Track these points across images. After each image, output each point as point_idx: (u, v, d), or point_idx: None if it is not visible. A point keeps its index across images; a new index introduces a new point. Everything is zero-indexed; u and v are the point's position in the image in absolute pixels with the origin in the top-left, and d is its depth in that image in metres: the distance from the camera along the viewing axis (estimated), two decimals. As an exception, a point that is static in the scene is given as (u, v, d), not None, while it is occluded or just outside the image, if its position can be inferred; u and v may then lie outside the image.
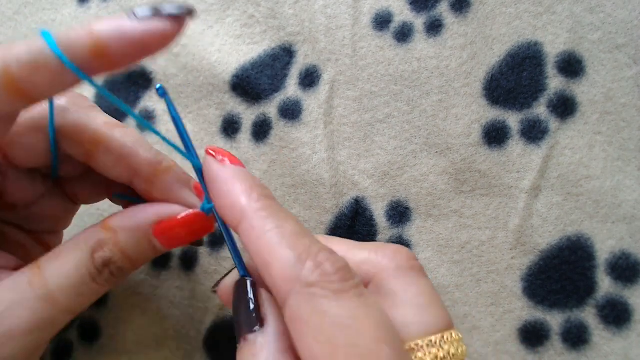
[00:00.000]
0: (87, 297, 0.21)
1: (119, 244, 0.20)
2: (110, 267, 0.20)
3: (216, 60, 0.30)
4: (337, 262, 0.16)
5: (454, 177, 0.27)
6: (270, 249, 0.17)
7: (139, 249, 0.21)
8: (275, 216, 0.17)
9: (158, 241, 0.21)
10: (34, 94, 0.17)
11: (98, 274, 0.20)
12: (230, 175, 0.19)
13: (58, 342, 0.29)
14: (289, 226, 0.17)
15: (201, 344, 0.27)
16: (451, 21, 0.28)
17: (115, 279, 0.21)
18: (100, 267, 0.20)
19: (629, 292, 0.25)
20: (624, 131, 0.26)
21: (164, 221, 0.21)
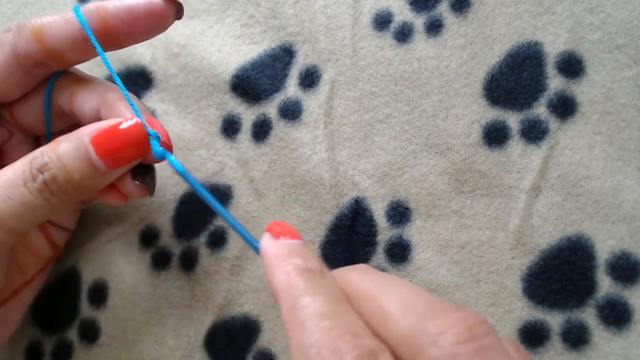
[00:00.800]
0: (22, 208, 0.21)
1: (57, 151, 0.21)
2: (44, 174, 0.20)
3: (216, 60, 0.30)
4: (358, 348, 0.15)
5: (454, 177, 0.27)
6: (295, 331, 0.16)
7: (75, 159, 0.21)
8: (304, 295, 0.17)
9: (94, 152, 0.21)
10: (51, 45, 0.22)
11: (31, 179, 0.20)
12: (277, 253, 0.18)
13: (58, 342, 0.29)
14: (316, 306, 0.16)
15: (201, 344, 0.27)
16: (451, 21, 0.28)
17: (49, 191, 0.21)
18: (34, 173, 0.20)
19: (629, 292, 0.25)
20: (624, 131, 0.26)
21: (102, 130, 0.21)
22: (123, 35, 0.23)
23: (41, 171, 0.20)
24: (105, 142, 0.21)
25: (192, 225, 0.29)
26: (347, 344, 0.15)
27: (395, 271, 0.27)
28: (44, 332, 0.29)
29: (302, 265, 0.18)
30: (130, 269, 0.29)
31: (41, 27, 0.22)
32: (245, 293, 0.28)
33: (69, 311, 0.29)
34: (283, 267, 0.18)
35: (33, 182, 0.20)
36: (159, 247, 0.29)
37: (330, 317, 0.16)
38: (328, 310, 0.16)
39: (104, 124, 0.21)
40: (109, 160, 0.21)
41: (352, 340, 0.15)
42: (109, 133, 0.21)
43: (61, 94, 0.24)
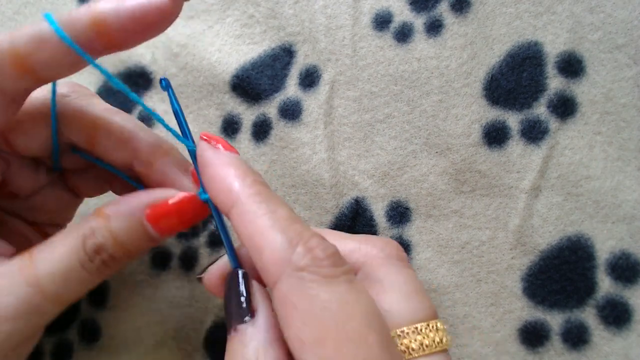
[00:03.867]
0: (77, 285, 0.20)
1: (111, 230, 0.20)
2: (102, 254, 0.20)
3: (216, 60, 0.30)
4: (328, 248, 0.17)
5: (454, 177, 0.27)
6: (262, 233, 0.17)
7: (132, 236, 0.20)
8: (268, 201, 0.17)
9: (151, 227, 0.20)
10: (40, 73, 0.18)
11: (89, 261, 0.20)
12: (223, 161, 0.19)
13: (58, 342, 0.29)
14: (282, 211, 0.17)
15: (201, 344, 0.27)
16: (451, 21, 0.28)
17: (107, 268, 0.20)
18: (91, 254, 0.20)
19: (629, 292, 0.25)
20: (624, 131, 0.26)
21: (157, 205, 0.20)
22: (120, 36, 0.19)
23: (98, 252, 0.20)
24: (162, 218, 0.20)
25: (192, 225, 0.29)
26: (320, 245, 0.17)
27: (395, 271, 0.27)
28: (44, 332, 0.29)
29: (258, 178, 0.19)
30: (130, 269, 0.29)
31: (24, 57, 0.18)
32: (245, 293, 0.28)
33: (69, 311, 0.29)
34: (239, 177, 0.18)
35: (91, 263, 0.20)
36: (159, 247, 0.29)
37: (299, 221, 0.17)
38: (293, 216, 0.18)
39: (157, 198, 0.20)
40: (165, 232, 0.20)
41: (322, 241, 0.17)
42: (165, 208, 0.20)
43: (74, 133, 0.22)
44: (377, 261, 0.20)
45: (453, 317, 0.26)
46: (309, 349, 0.15)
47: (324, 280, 0.16)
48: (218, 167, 0.19)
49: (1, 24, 0.33)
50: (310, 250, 0.16)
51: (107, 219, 0.20)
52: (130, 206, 0.20)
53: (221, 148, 0.20)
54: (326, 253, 0.16)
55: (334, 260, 0.17)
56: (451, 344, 0.21)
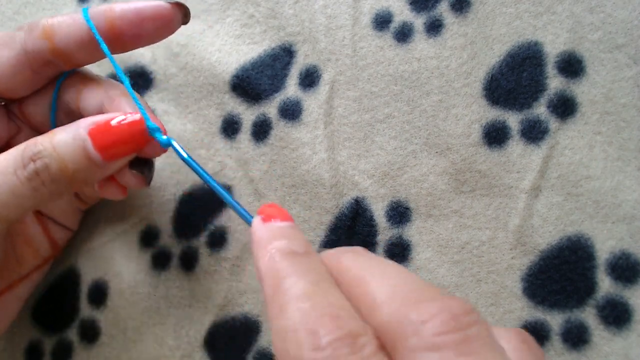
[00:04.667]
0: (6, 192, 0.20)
1: (52, 141, 0.20)
2: (37, 162, 0.20)
3: (216, 60, 0.30)
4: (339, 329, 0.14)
5: (454, 177, 0.27)
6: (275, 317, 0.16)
7: (71, 150, 0.21)
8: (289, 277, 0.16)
9: (91, 143, 0.21)
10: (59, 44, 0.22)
11: (22, 167, 0.20)
12: (265, 236, 0.18)
13: (58, 342, 0.29)
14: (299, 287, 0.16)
15: (201, 343, 0.27)
16: (451, 21, 0.28)
17: (39, 179, 0.20)
18: (26, 160, 0.20)
19: (629, 292, 0.25)
20: (624, 131, 0.26)
21: (101, 123, 0.21)
22: (129, 38, 0.23)
23: (33, 159, 0.20)
24: (103, 135, 0.21)
25: (192, 225, 0.29)
26: (325, 326, 0.14)
27: (395, 271, 0.27)
28: (44, 332, 0.29)
29: (286, 248, 0.17)
30: (130, 269, 0.29)
31: (51, 26, 0.22)
32: (245, 293, 0.28)
33: (69, 311, 0.29)
34: (268, 249, 0.17)
35: (23, 169, 0.20)
36: (159, 247, 0.29)
37: (311, 299, 0.15)
38: (310, 291, 0.16)
39: (102, 117, 0.21)
40: (106, 153, 0.21)
41: (331, 322, 0.14)
42: (107, 126, 0.21)
43: (68, 92, 0.24)
44: None
45: (453, 317, 0.26)
46: None
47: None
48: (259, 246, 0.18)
49: (1, 24, 0.33)
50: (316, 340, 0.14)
51: (54, 133, 0.21)
52: (77, 123, 0.21)
53: (273, 221, 0.19)
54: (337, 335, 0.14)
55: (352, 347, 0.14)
56: None
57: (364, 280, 0.16)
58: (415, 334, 0.14)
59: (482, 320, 0.15)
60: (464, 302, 0.15)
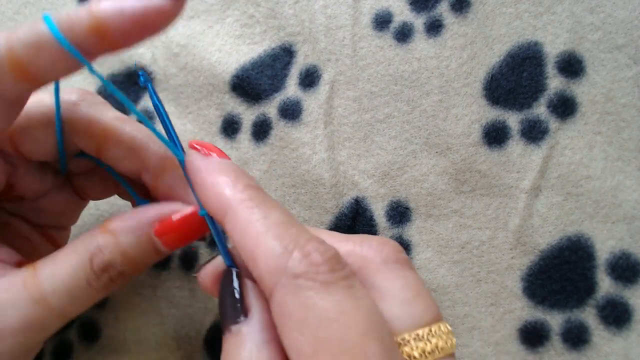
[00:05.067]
0: (82, 301, 0.20)
1: (119, 246, 0.20)
2: (110, 271, 0.20)
3: (216, 60, 0.30)
4: (326, 252, 0.16)
5: (454, 177, 0.27)
6: (256, 239, 0.16)
7: (140, 251, 0.20)
8: (260, 206, 0.17)
9: (160, 241, 0.20)
10: (39, 76, 0.18)
11: (96, 278, 0.20)
12: (214, 167, 0.18)
13: (58, 342, 0.29)
14: (276, 215, 0.17)
15: (201, 343, 0.27)
16: (451, 21, 0.28)
17: (114, 283, 0.20)
18: (99, 272, 0.20)
19: (629, 292, 0.25)
20: (624, 131, 0.26)
21: (166, 220, 0.20)
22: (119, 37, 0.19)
23: (105, 270, 0.20)
24: (170, 232, 0.20)
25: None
26: (318, 249, 0.16)
27: (395, 271, 0.27)
28: (44, 332, 0.29)
29: (250, 182, 0.18)
30: (130, 269, 0.29)
31: (23, 62, 0.17)
32: (245, 293, 0.28)
33: (69, 311, 0.29)
34: (230, 183, 0.18)
35: (98, 280, 0.20)
36: (159, 247, 0.29)
37: (295, 225, 0.17)
38: (288, 219, 0.17)
39: (165, 211, 0.20)
40: (173, 246, 0.20)
41: (320, 244, 0.16)
42: (172, 224, 0.20)
43: (83, 140, 0.22)
44: (373, 266, 0.19)
45: (453, 317, 0.26)
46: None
47: (322, 287, 0.15)
48: (208, 174, 0.18)
49: (1, 23, 0.33)
50: (306, 256, 0.16)
51: (115, 235, 0.20)
52: (138, 221, 0.20)
53: (213, 155, 0.19)
54: (324, 257, 0.16)
55: (332, 265, 0.16)
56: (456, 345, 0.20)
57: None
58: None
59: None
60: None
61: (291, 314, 0.15)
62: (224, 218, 0.17)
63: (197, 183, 0.19)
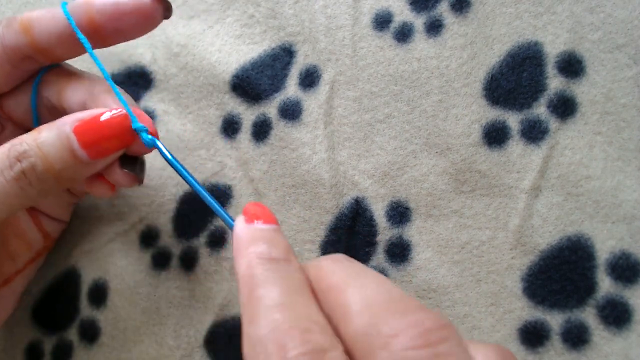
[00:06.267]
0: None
1: (37, 139, 0.20)
2: (22, 162, 0.20)
3: (216, 60, 0.30)
4: None
5: (454, 177, 0.27)
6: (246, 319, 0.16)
7: (57, 147, 0.20)
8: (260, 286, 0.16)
9: (76, 140, 0.20)
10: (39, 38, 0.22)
11: (8, 167, 0.20)
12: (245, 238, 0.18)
13: (58, 342, 0.29)
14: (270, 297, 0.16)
15: (201, 344, 0.27)
16: (451, 21, 0.28)
17: (27, 182, 0.20)
18: (12, 160, 0.20)
19: (629, 292, 0.25)
20: (624, 131, 0.26)
21: (85, 120, 0.21)
22: (110, 32, 0.22)
23: (19, 159, 0.20)
24: (88, 132, 0.21)
25: (192, 225, 0.29)
26: (293, 340, 0.14)
27: (395, 271, 0.27)
28: (44, 332, 0.29)
29: (266, 253, 0.17)
30: (130, 269, 0.29)
31: (29, 21, 0.22)
32: (245, 293, 0.28)
33: (69, 311, 0.29)
34: (246, 253, 0.17)
35: (10, 170, 0.20)
36: (159, 247, 0.29)
37: (284, 310, 0.15)
38: (283, 302, 0.16)
39: (86, 114, 0.21)
40: (92, 151, 0.21)
41: (300, 335, 0.14)
42: (92, 123, 0.21)
43: (50, 89, 0.24)
44: None
45: (453, 317, 0.26)
46: None
47: None
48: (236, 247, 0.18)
49: (1, 24, 0.33)
50: None
51: (39, 131, 0.21)
52: (62, 120, 0.21)
53: (256, 223, 0.19)
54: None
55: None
56: None
57: (341, 289, 0.16)
58: (385, 348, 0.14)
59: (456, 336, 0.15)
60: (439, 317, 0.15)
61: None
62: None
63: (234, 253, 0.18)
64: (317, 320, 0.15)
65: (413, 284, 0.27)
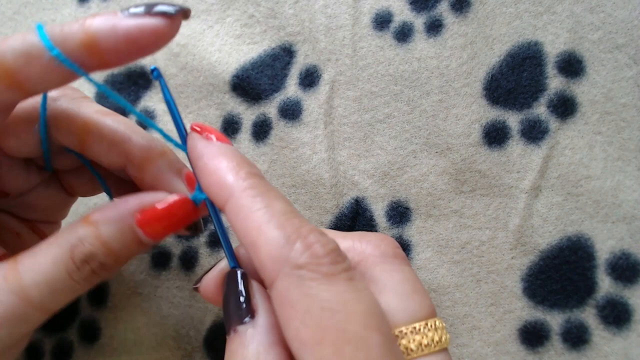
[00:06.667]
0: (64, 294, 0.19)
1: (100, 238, 0.19)
2: (91, 263, 0.19)
3: (216, 60, 0.30)
4: (327, 244, 0.16)
5: (454, 177, 0.27)
6: (258, 228, 0.16)
7: (122, 242, 0.19)
8: (263, 195, 0.17)
9: (142, 232, 0.19)
10: (29, 86, 0.18)
11: (77, 270, 0.19)
12: (216, 152, 0.18)
13: (58, 342, 0.29)
14: (278, 205, 0.17)
15: (201, 344, 0.27)
16: (451, 21, 0.28)
17: (96, 276, 0.20)
18: (79, 264, 0.19)
19: (629, 292, 0.25)
20: (624, 131, 0.26)
21: (148, 210, 0.19)
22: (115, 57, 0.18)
23: (87, 262, 0.19)
24: (153, 222, 0.19)
25: (191, 225, 0.29)
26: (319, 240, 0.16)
27: (395, 271, 0.27)
28: (44, 332, 0.29)
29: (253, 170, 0.18)
30: (130, 269, 0.29)
31: (13, 72, 0.17)
32: (245, 293, 0.28)
33: (69, 311, 0.29)
34: (232, 169, 0.17)
35: (78, 272, 0.19)
36: (159, 247, 0.29)
37: (297, 216, 0.17)
38: (290, 210, 0.17)
39: (147, 201, 0.19)
40: (157, 237, 0.20)
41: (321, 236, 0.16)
42: (156, 212, 0.19)
43: (65, 136, 0.21)
44: (372, 260, 0.19)
45: (453, 317, 0.26)
46: (308, 349, 0.15)
47: (324, 279, 0.15)
48: (210, 159, 0.18)
49: (1, 24, 0.33)
50: (309, 247, 0.16)
51: (96, 226, 0.19)
52: (120, 212, 0.19)
53: (214, 139, 0.19)
54: (326, 249, 0.16)
55: (334, 257, 0.16)
56: (450, 343, 0.20)
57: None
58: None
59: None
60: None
61: (293, 303, 0.15)
62: (226, 205, 0.17)
63: (198, 168, 0.18)
64: None
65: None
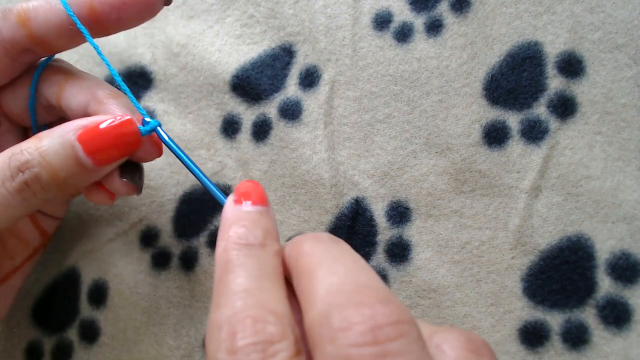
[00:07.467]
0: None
1: (40, 148, 0.19)
2: (25, 173, 0.19)
3: (216, 60, 0.30)
4: None
5: (454, 177, 0.27)
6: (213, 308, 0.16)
7: (61, 156, 0.20)
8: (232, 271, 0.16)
9: (82, 148, 0.20)
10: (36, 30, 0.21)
11: (10, 178, 0.19)
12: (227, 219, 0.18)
13: (58, 342, 0.29)
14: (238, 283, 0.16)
15: (201, 344, 0.27)
16: (451, 21, 0.28)
17: (30, 191, 0.20)
18: (14, 171, 0.19)
19: (629, 292, 0.25)
20: (624, 131, 0.26)
21: (90, 127, 0.20)
22: (111, 21, 0.22)
23: (21, 170, 0.19)
24: (93, 140, 0.20)
25: (192, 225, 0.29)
26: (245, 329, 0.14)
27: (395, 271, 0.27)
28: (44, 332, 0.29)
29: (243, 237, 0.17)
30: (130, 269, 0.29)
31: (26, 12, 0.21)
32: (245, 293, 0.28)
33: (69, 311, 0.29)
34: (224, 235, 0.17)
35: (12, 181, 0.19)
36: (159, 247, 0.29)
37: (246, 297, 0.15)
38: (247, 288, 0.15)
39: (92, 120, 0.20)
40: (97, 158, 0.20)
41: (252, 325, 0.14)
42: (97, 130, 0.20)
43: (49, 87, 0.23)
44: None
45: (453, 317, 0.26)
46: None
47: None
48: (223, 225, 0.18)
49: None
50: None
51: (39, 138, 0.20)
52: (64, 128, 0.20)
53: (244, 204, 0.19)
54: None
55: None
56: None
57: (312, 272, 0.16)
58: (332, 342, 0.13)
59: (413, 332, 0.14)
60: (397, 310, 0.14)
61: None
62: None
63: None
64: (277, 309, 0.15)
65: (413, 284, 0.27)
